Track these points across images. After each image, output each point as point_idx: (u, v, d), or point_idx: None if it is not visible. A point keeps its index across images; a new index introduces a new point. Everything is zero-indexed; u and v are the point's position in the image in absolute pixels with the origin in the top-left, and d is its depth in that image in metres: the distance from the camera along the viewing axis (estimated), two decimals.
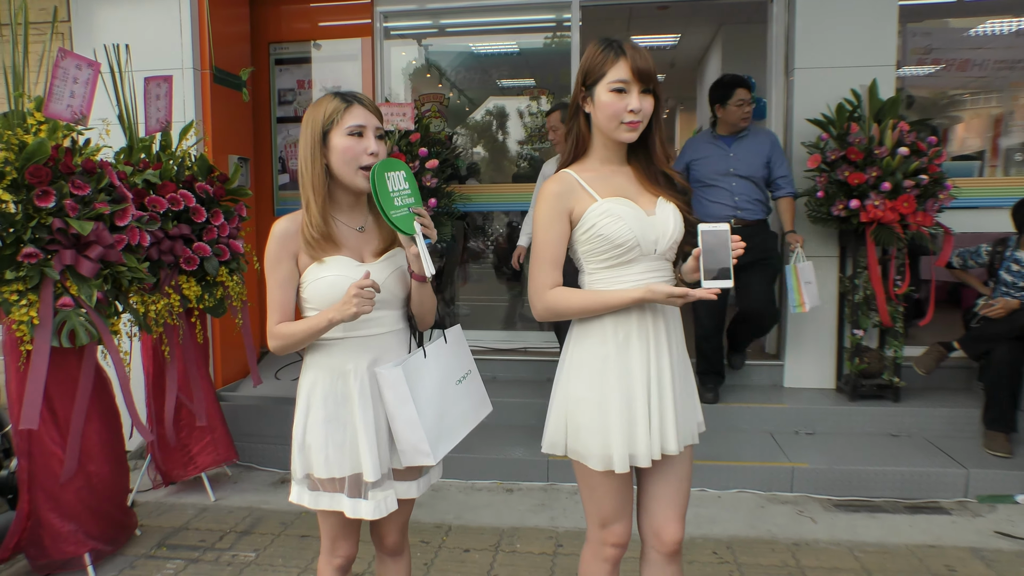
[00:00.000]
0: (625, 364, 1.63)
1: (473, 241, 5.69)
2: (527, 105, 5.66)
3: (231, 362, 4.44)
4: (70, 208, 2.40)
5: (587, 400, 1.65)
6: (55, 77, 2.43)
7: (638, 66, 1.57)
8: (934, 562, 2.77)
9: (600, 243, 1.61)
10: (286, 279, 1.65)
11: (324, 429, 1.66)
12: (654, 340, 1.65)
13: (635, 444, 1.63)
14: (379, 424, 1.68)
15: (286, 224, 1.66)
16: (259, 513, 3.31)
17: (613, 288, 1.63)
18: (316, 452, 1.66)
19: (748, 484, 3.46)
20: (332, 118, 1.63)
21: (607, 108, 1.59)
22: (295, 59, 4.98)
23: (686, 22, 6.92)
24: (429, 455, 1.65)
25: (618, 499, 1.71)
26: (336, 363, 1.67)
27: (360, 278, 1.57)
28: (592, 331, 1.66)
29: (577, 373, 1.68)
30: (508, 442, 3.77)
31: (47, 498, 2.61)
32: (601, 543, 1.76)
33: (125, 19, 4.11)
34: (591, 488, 1.72)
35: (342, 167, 1.64)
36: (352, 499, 1.66)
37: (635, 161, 1.71)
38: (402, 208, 1.59)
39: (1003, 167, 5.13)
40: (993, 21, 4.95)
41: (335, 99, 1.65)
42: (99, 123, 2.75)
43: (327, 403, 1.67)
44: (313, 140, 1.64)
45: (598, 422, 1.63)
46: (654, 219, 1.63)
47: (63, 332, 2.47)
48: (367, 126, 1.65)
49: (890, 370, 3.89)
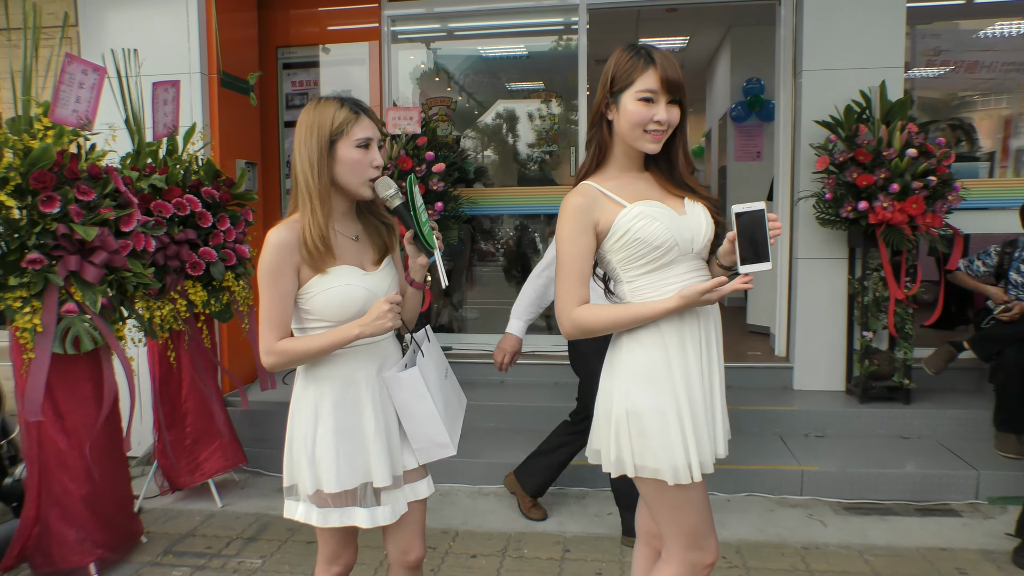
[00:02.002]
0: (684, 368, 1.57)
1: (481, 244, 5.68)
2: (537, 108, 5.65)
3: (238, 367, 4.44)
4: (75, 213, 2.40)
5: (652, 410, 1.55)
6: (61, 82, 2.44)
7: (668, 76, 1.52)
8: (945, 565, 2.74)
9: (638, 247, 1.55)
10: (287, 292, 1.59)
11: (335, 441, 1.62)
12: (704, 341, 1.61)
13: (703, 451, 1.58)
14: (389, 429, 1.68)
15: (285, 234, 1.58)
16: (266, 519, 3.31)
17: (656, 293, 1.57)
18: (327, 466, 1.61)
19: (757, 488, 3.44)
20: (341, 128, 1.59)
21: (633, 117, 1.54)
22: (303, 63, 4.99)
23: (695, 24, 6.90)
24: (449, 445, 1.68)
25: (705, 510, 1.63)
26: (347, 372, 1.65)
27: (368, 286, 1.62)
28: (646, 337, 1.58)
29: (633, 382, 1.59)
30: (516, 447, 3.74)
31: (55, 505, 2.61)
32: (693, 566, 1.62)
33: (133, 23, 4.13)
34: (674, 507, 1.60)
35: (349, 178, 1.62)
36: (367, 508, 1.65)
37: (654, 168, 1.67)
38: (427, 224, 1.63)
39: (1013, 168, 5.09)
40: (1002, 23, 4.91)
41: (343, 108, 1.60)
42: (105, 128, 2.75)
43: (337, 414, 1.63)
44: (319, 148, 1.59)
45: (667, 432, 1.55)
46: (686, 218, 1.59)
47: (67, 338, 2.48)
48: (373, 138, 1.63)
49: (900, 372, 3.86)
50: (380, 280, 1.68)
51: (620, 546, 2.95)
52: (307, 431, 1.64)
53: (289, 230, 1.59)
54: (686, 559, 1.62)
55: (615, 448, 1.62)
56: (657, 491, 1.60)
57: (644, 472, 1.59)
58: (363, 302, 1.62)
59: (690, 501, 1.59)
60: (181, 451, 3.39)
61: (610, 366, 1.66)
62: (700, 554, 1.62)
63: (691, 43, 7.49)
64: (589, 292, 1.60)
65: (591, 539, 3.03)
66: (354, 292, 1.61)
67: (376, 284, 1.67)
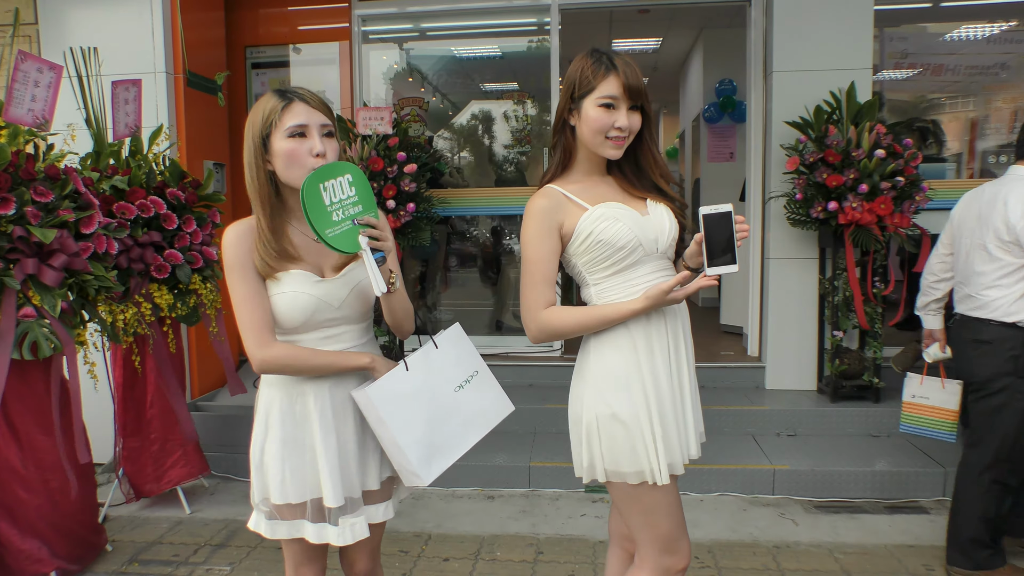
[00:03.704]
0: (652, 371, 1.56)
1: (455, 245, 5.65)
2: (512, 109, 5.64)
3: (208, 372, 4.37)
4: (31, 215, 2.34)
5: (621, 414, 1.55)
6: (15, 80, 2.37)
7: (629, 83, 1.52)
8: (912, 562, 2.77)
9: (602, 249, 1.55)
10: (261, 287, 1.51)
11: (281, 451, 1.54)
12: (673, 342, 1.60)
13: (672, 452, 1.57)
14: (344, 447, 1.56)
15: (244, 226, 1.52)
16: (235, 525, 3.25)
17: (622, 294, 1.56)
18: (272, 475, 1.54)
19: (730, 487, 3.45)
20: (270, 119, 1.47)
21: (594, 123, 1.54)
22: (272, 63, 4.93)
23: (667, 26, 6.93)
24: (417, 476, 1.54)
25: (677, 514, 1.61)
26: (293, 382, 1.55)
27: (319, 294, 1.50)
28: (615, 340, 1.57)
29: (603, 386, 1.58)
30: (490, 448, 3.71)
31: (6, 516, 2.53)
32: (666, 571, 1.61)
33: (95, 22, 4.05)
34: (646, 512, 1.59)
35: (287, 172, 1.49)
36: (316, 524, 1.56)
37: (616, 172, 1.66)
38: (343, 223, 1.41)
39: (979, 170, 5.18)
40: (967, 26, 5.00)
41: (273, 97, 1.49)
42: (65, 128, 2.69)
43: (284, 424, 1.55)
44: (254, 146, 1.49)
45: (636, 436, 1.54)
46: (649, 219, 1.59)
47: (25, 344, 2.41)
48: (309, 124, 1.48)
49: (870, 371, 3.90)
50: (336, 288, 1.55)
51: (593, 548, 2.94)
52: (258, 437, 1.58)
53: (248, 224, 1.54)
54: (659, 564, 1.61)
55: (587, 454, 1.61)
56: (628, 495, 1.59)
57: (614, 476, 1.58)
58: (312, 311, 1.52)
59: (661, 505, 1.58)
60: (147, 458, 3.32)
61: (579, 371, 1.65)
62: (673, 558, 1.61)
63: (664, 44, 7.52)
64: (555, 295, 1.60)
65: (564, 540, 3.02)
66: (300, 300, 1.50)
67: (330, 292, 1.54)
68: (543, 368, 4.55)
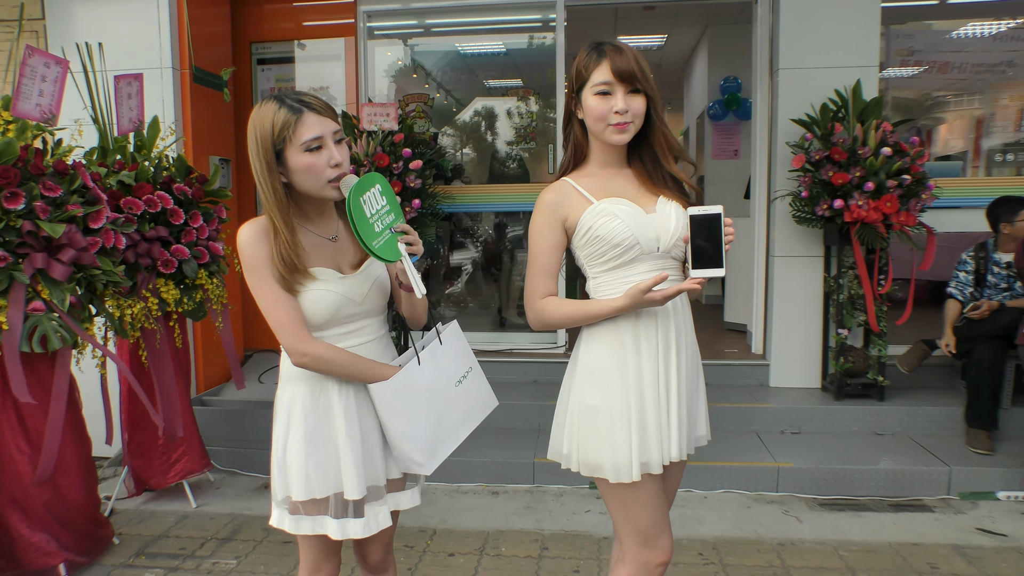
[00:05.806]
0: (637, 369, 1.57)
1: (459, 241, 5.66)
2: (517, 106, 5.64)
3: (214, 366, 4.38)
4: (41, 210, 2.34)
5: (598, 407, 1.58)
6: (23, 75, 2.37)
7: (618, 67, 1.53)
8: (917, 560, 2.77)
9: (599, 244, 1.56)
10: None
11: (304, 447, 1.55)
12: (663, 342, 1.59)
13: (648, 451, 1.57)
14: (368, 437, 1.59)
15: (261, 225, 1.49)
16: (241, 519, 3.26)
17: (616, 291, 1.57)
18: (296, 472, 1.55)
19: (734, 484, 3.46)
20: (283, 134, 1.43)
21: (593, 111, 1.56)
22: (278, 59, 4.93)
23: (672, 23, 6.92)
24: (422, 466, 1.59)
25: (657, 510, 1.62)
26: (317, 377, 1.56)
27: (343, 291, 1.52)
28: (604, 335, 1.59)
29: (588, 379, 1.61)
30: (494, 444, 3.74)
31: (16, 509, 2.55)
32: (645, 564, 1.62)
33: (101, 18, 4.05)
34: (625, 506, 1.61)
35: (306, 184, 1.48)
36: (339, 519, 1.57)
37: (637, 163, 1.67)
38: (383, 233, 1.44)
39: (985, 167, 5.17)
40: (974, 24, 4.99)
41: (281, 109, 1.44)
42: (72, 123, 2.69)
43: (307, 419, 1.56)
44: (267, 162, 1.45)
45: (611, 431, 1.56)
46: (654, 217, 1.58)
47: (34, 337, 2.42)
48: (324, 135, 1.46)
49: (875, 369, 3.90)
50: (359, 284, 1.57)
51: (597, 544, 2.95)
52: (280, 434, 1.58)
53: (261, 225, 1.51)
54: (639, 557, 1.63)
55: (567, 443, 1.65)
56: (608, 489, 1.62)
57: (587, 469, 1.61)
58: (337, 307, 1.53)
59: (641, 500, 1.60)
60: (154, 451, 3.33)
61: (571, 362, 1.70)
62: (652, 553, 1.62)
63: (669, 41, 7.51)
64: (556, 286, 1.63)
65: (569, 536, 3.03)
66: (326, 297, 1.51)
67: (353, 288, 1.56)
68: (546, 364, 4.55)
